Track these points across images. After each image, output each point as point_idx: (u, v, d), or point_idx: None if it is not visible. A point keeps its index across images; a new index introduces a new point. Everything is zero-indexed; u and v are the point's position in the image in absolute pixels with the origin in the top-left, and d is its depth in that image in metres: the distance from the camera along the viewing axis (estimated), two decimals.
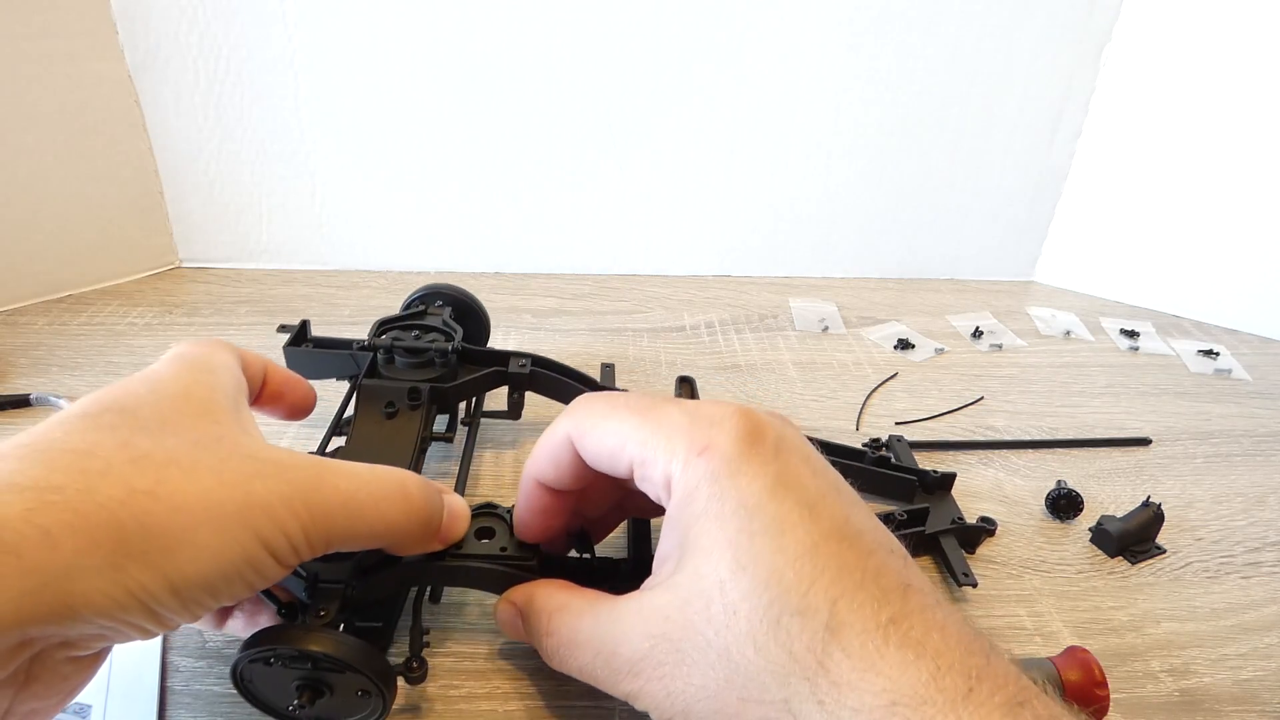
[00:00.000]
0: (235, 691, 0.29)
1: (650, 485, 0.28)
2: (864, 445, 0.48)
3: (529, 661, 0.35)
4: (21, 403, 0.49)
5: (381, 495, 0.28)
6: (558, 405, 0.45)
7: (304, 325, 0.46)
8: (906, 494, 0.45)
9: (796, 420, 0.52)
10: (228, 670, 0.33)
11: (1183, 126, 0.68)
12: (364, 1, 0.60)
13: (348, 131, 0.64)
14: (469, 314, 0.50)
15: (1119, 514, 0.45)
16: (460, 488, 0.39)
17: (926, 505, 0.43)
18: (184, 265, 0.69)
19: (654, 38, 0.64)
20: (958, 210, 0.75)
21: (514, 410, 0.46)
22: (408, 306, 0.49)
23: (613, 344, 0.60)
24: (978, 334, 0.67)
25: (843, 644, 0.23)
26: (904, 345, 0.65)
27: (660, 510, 0.29)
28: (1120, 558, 0.44)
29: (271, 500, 0.25)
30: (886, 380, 0.59)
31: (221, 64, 0.61)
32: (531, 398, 0.47)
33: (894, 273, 0.78)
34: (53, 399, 0.49)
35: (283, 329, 0.46)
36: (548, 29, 0.63)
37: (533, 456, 0.32)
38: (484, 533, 0.34)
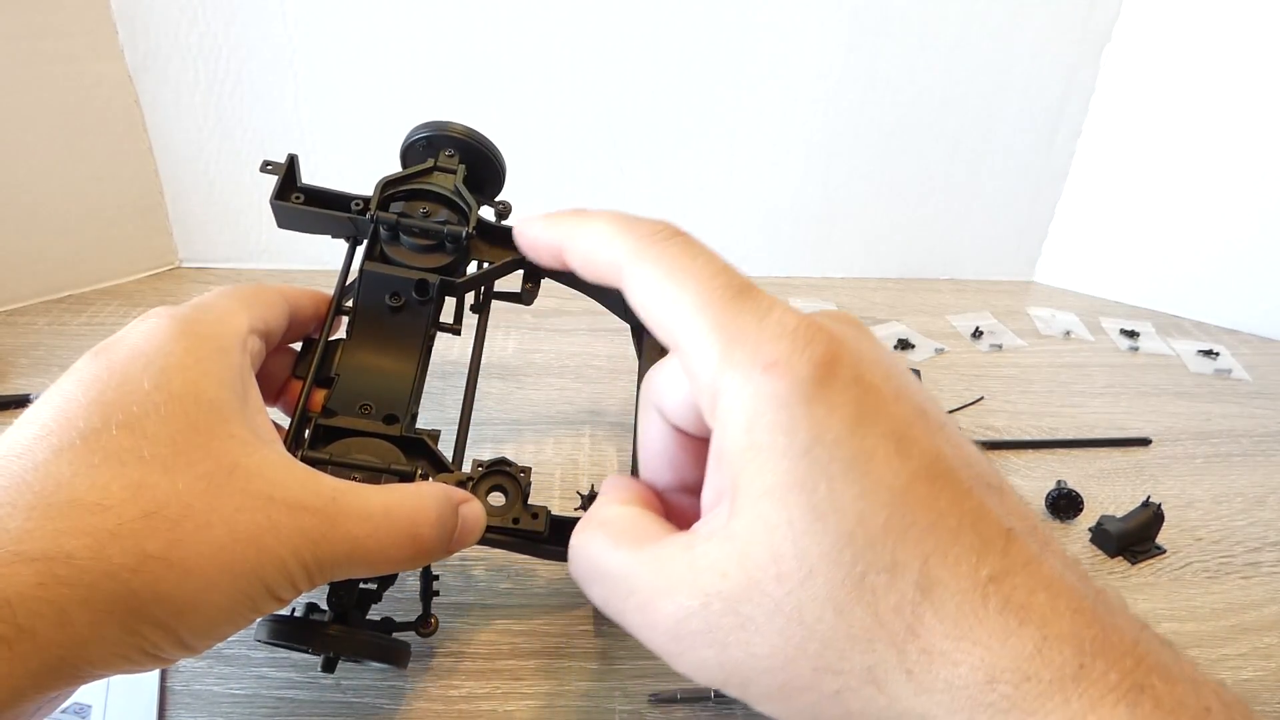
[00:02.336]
0: (235, 691, 0.29)
1: (691, 377, 0.23)
2: None
3: (529, 661, 0.35)
4: (21, 402, 0.49)
5: (390, 541, 0.27)
6: (574, 294, 0.42)
7: (292, 164, 0.39)
8: None
9: None
10: (228, 670, 0.34)
11: (1183, 126, 0.68)
12: (364, 1, 0.60)
13: (348, 131, 0.64)
14: (482, 163, 0.42)
15: (1119, 514, 0.45)
16: (469, 398, 0.37)
17: None
18: (184, 265, 0.69)
19: (654, 38, 0.64)
20: (958, 210, 0.75)
21: (527, 297, 0.41)
22: (409, 147, 0.41)
23: (613, 344, 0.60)
24: (978, 334, 0.67)
25: (936, 606, 0.20)
26: (904, 345, 0.65)
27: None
28: (1120, 558, 0.44)
29: (283, 553, 0.25)
30: None
31: (221, 64, 0.61)
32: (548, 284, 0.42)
33: (894, 273, 0.78)
34: None
35: (267, 168, 0.39)
36: (548, 30, 0.63)
37: (579, 237, 0.27)
38: (495, 491, 0.33)
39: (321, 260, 0.67)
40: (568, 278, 0.42)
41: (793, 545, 0.20)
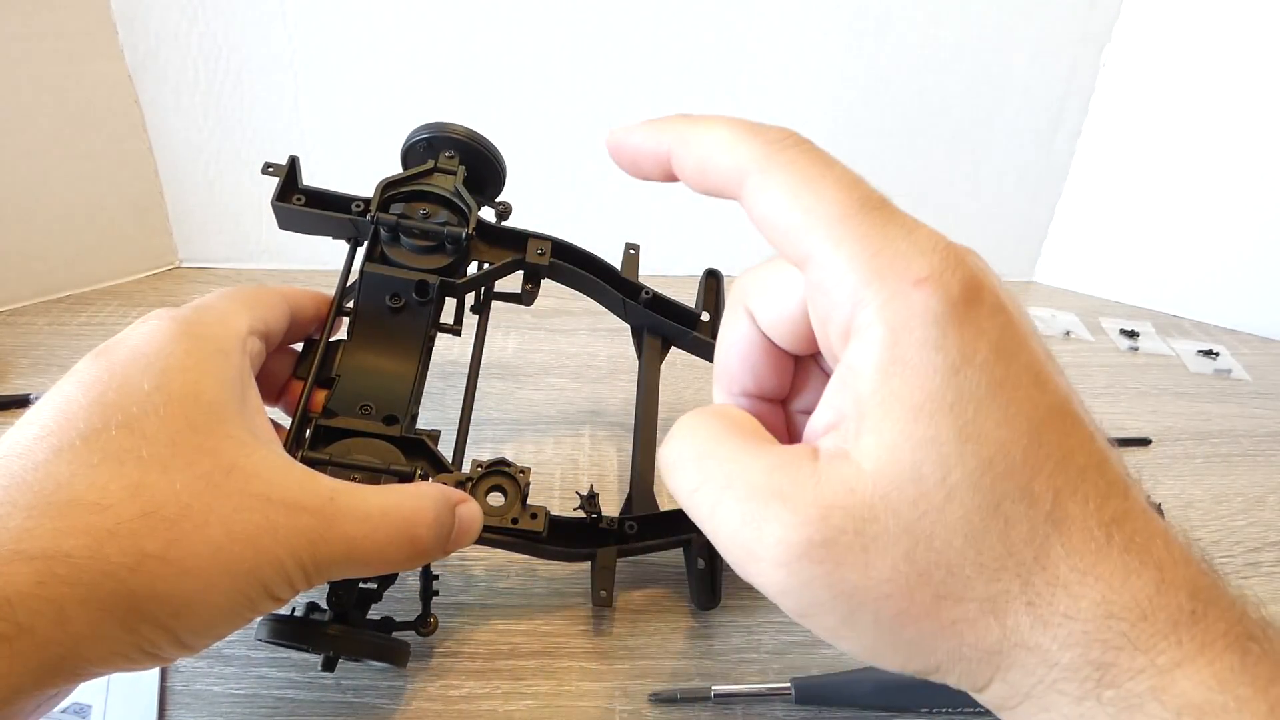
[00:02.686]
0: (235, 691, 0.29)
1: (825, 293, 0.21)
2: None
3: (529, 661, 0.35)
4: (21, 403, 0.49)
5: (387, 541, 0.27)
6: (574, 294, 0.42)
7: (293, 166, 0.39)
8: None
9: None
10: (228, 670, 0.34)
11: (1183, 126, 0.68)
12: (364, 2, 0.60)
13: (348, 132, 0.64)
14: (482, 164, 0.42)
15: None
16: (469, 399, 0.37)
17: None
18: (184, 265, 0.69)
19: (653, 38, 0.64)
20: (958, 210, 0.75)
21: (527, 297, 0.41)
22: (410, 148, 0.42)
23: (613, 344, 0.60)
24: None
25: (1065, 539, 0.19)
26: None
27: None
28: None
29: (280, 554, 0.25)
30: None
31: (221, 64, 0.61)
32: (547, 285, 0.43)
33: None
34: None
35: (268, 170, 0.39)
36: (547, 29, 0.63)
37: (692, 132, 0.25)
38: (495, 491, 0.33)
39: (322, 260, 0.67)
40: (566, 277, 0.42)
41: (938, 465, 0.20)
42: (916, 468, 0.20)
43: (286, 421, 0.34)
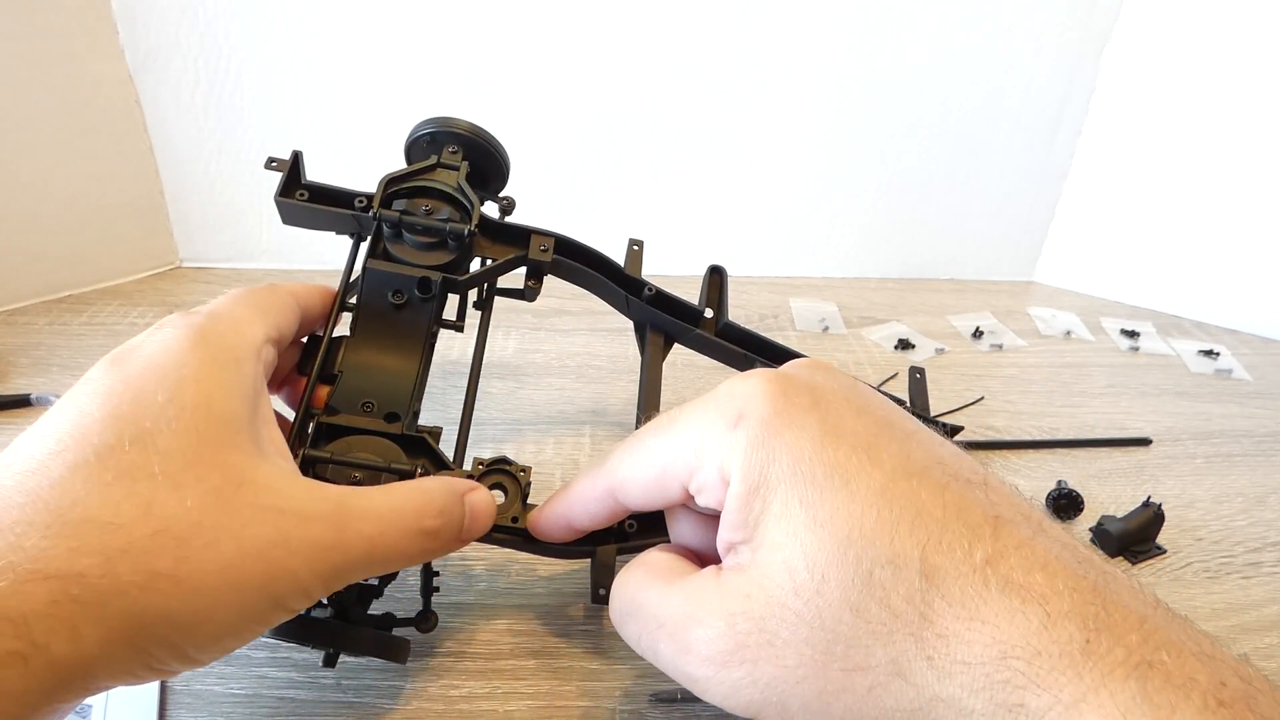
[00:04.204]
0: (236, 691, 0.29)
1: (711, 492, 0.26)
2: (878, 387, 0.48)
3: (529, 661, 0.35)
4: (22, 402, 0.49)
5: (400, 537, 0.27)
6: (575, 294, 0.43)
7: (296, 160, 0.39)
8: None
9: None
10: (229, 670, 0.34)
11: (1183, 127, 0.68)
12: (364, 2, 0.60)
13: (348, 132, 0.64)
14: (486, 158, 0.42)
15: (1119, 514, 0.45)
16: (471, 395, 0.37)
17: None
18: (184, 265, 0.69)
19: (654, 38, 0.64)
20: (958, 210, 0.75)
21: (530, 293, 0.41)
22: (413, 142, 0.41)
23: (614, 344, 0.60)
24: (978, 334, 0.67)
25: (942, 591, 0.21)
26: (904, 345, 0.65)
27: None
28: (1121, 558, 0.44)
29: (294, 565, 0.25)
30: (887, 380, 0.59)
31: (221, 64, 0.61)
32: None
33: (894, 273, 0.78)
34: (53, 399, 0.49)
35: (271, 164, 0.39)
36: (549, 29, 0.63)
37: (568, 504, 0.30)
38: (495, 489, 0.33)
39: (323, 260, 0.67)
40: (569, 274, 0.42)
41: (802, 557, 0.22)
42: (788, 563, 0.22)
43: (285, 410, 0.35)
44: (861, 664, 0.21)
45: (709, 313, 0.45)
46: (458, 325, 0.38)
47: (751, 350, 0.44)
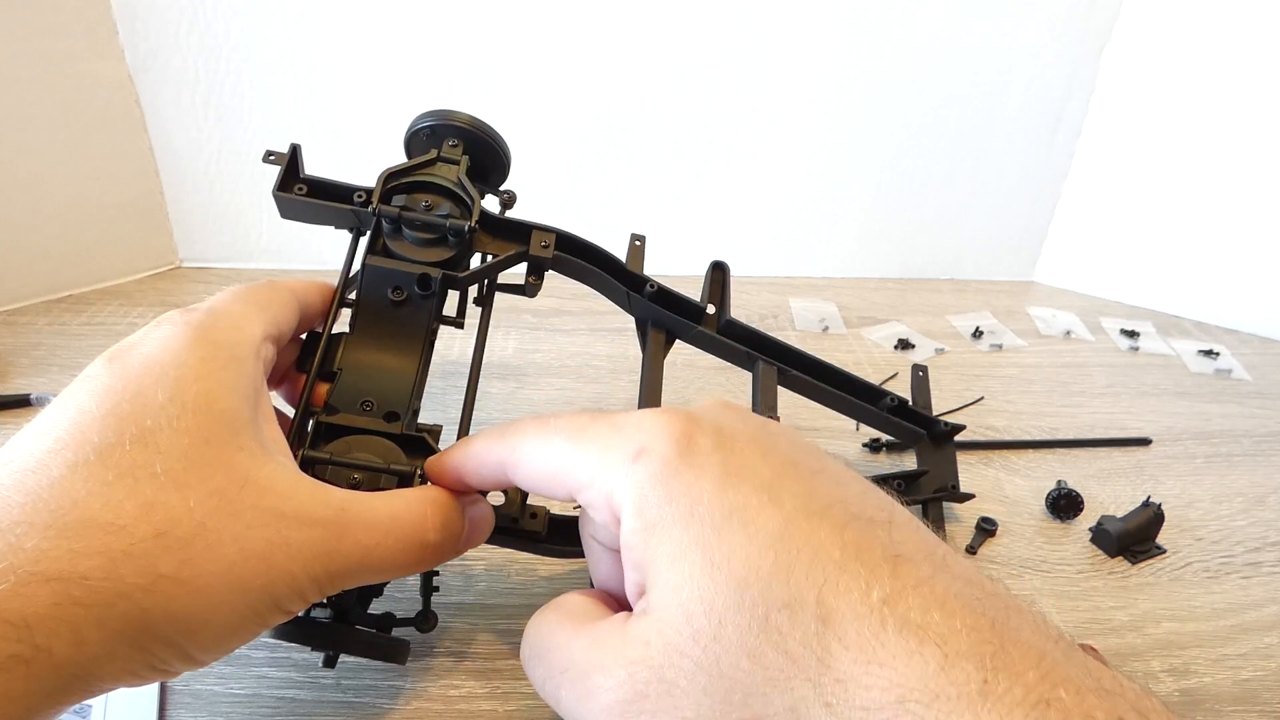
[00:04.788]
0: (235, 691, 0.29)
1: (596, 510, 0.25)
2: (881, 385, 0.49)
3: None
4: (22, 402, 0.49)
5: (399, 548, 0.27)
6: (575, 294, 0.43)
7: (294, 154, 0.39)
8: (912, 441, 0.46)
9: (797, 420, 0.52)
10: (228, 670, 0.34)
11: (1183, 127, 0.68)
12: (364, 2, 0.60)
13: (348, 132, 0.64)
14: (487, 152, 0.41)
15: (1119, 514, 0.45)
16: (471, 393, 0.37)
17: (926, 469, 0.44)
18: (184, 265, 0.69)
19: (654, 38, 0.64)
20: (958, 210, 0.75)
21: (530, 289, 0.41)
22: (413, 135, 0.41)
23: (613, 344, 0.60)
24: (978, 334, 0.67)
25: (839, 634, 0.20)
26: (904, 345, 0.65)
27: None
28: (1120, 558, 0.44)
29: (293, 568, 0.25)
30: (887, 380, 0.59)
31: (221, 64, 0.61)
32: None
33: (894, 273, 0.78)
34: (52, 399, 0.49)
35: (269, 158, 0.39)
36: (549, 28, 0.63)
37: (464, 458, 0.29)
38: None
39: (323, 259, 0.67)
40: (570, 270, 0.42)
41: (699, 601, 0.21)
42: (684, 607, 0.22)
43: (284, 406, 0.34)
44: (760, 713, 0.21)
45: (711, 309, 0.44)
46: (458, 321, 0.38)
47: (754, 348, 0.44)
